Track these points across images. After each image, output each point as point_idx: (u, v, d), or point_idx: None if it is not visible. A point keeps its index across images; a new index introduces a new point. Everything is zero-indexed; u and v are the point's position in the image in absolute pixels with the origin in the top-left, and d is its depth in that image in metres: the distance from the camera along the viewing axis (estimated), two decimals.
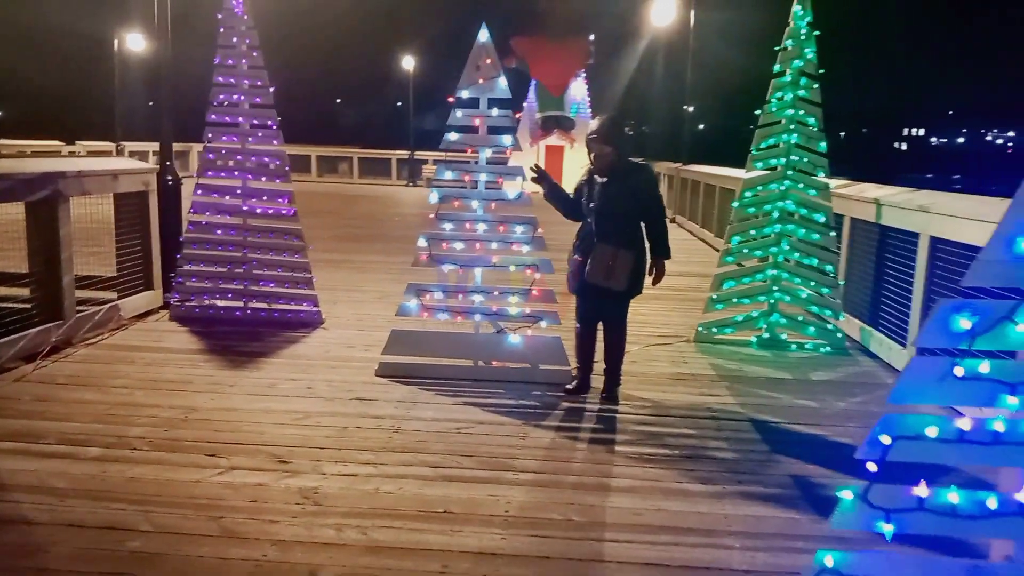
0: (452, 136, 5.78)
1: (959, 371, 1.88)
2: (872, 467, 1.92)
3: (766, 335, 7.23)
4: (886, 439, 1.91)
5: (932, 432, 1.92)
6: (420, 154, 32.88)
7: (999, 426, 1.93)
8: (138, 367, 5.95)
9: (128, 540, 3.43)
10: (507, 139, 5.82)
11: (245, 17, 7.10)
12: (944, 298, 1.96)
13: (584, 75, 26.33)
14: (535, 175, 5.45)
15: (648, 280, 5.48)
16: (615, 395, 5.57)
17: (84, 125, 35.09)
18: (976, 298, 1.97)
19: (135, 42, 28.93)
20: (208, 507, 3.77)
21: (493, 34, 5.79)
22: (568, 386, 5.66)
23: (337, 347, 6.70)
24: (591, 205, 5.35)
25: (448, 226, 5.87)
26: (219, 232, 7.41)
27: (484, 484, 4.16)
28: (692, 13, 20.81)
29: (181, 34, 8.43)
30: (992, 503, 1.95)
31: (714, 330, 7.35)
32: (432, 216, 5.87)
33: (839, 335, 7.11)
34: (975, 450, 1.94)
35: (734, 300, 7.37)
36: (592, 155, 5.34)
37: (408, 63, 35.81)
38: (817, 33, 7.03)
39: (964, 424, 1.93)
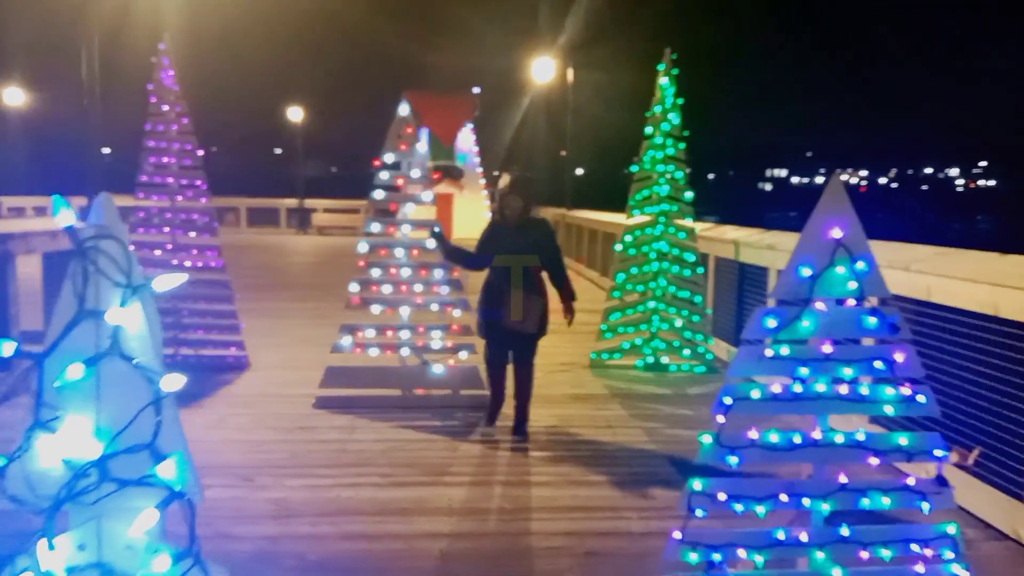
0: (379, 194, 6.64)
1: (769, 353, 2.92)
2: (721, 419, 2.92)
3: (649, 359, 8.37)
4: (728, 400, 2.92)
5: (756, 394, 2.94)
6: (310, 202, 33.35)
7: (798, 388, 2.97)
8: None
9: None
10: (426, 195, 6.73)
11: (176, 88, 7.77)
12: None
13: (472, 126, 27.67)
14: (434, 239, 6.19)
15: (564, 321, 5.98)
16: (524, 431, 5.92)
17: None
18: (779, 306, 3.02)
19: (13, 96, 28.27)
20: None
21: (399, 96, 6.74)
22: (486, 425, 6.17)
23: (272, 386, 7.35)
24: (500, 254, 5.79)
25: (376, 272, 6.68)
26: None
27: (428, 486, 4.99)
28: (570, 71, 22.60)
29: (70, 88, 8.66)
30: (798, 439, 2.98)
31: (605, 356, 8.45)
32: (362, 264, 6.68)
33: (709, 356, 8.32)
34: (784, 405, 2.97)
35: (621, 330, 8.49)
36: (506, 207, 5.74)
37: (296, 114, 36.36)
38: (681, 101, 8.33)
39: (776, 388, 2.97)
